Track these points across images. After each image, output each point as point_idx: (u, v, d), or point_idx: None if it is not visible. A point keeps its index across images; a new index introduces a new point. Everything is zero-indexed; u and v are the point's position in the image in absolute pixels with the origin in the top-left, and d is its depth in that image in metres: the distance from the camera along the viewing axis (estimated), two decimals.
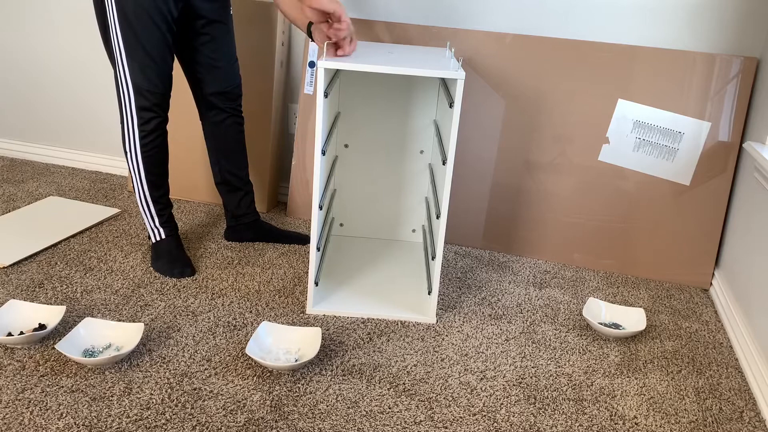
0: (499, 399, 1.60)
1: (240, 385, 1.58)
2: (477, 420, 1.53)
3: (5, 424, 1.40)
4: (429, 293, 1.93)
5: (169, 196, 2.09)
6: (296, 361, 1.66)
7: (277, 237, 2.32)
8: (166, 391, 1.54)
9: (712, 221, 2.22)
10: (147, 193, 2.03)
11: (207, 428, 1.44)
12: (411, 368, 1.69)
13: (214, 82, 2.08)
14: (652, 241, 2.27)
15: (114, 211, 2.46)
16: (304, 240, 2.34)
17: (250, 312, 1.90)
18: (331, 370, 1.66)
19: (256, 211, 2.32)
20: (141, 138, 1.95)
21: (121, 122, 1.96)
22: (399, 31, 2.36)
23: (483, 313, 1.98)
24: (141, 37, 1.84)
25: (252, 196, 2.29)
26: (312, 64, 2.47)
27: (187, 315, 1.85)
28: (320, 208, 1.87)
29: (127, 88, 1.90)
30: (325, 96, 1.72)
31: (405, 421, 1.50)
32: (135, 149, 1.97)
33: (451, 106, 1.72)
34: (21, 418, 1.42)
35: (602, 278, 2.27)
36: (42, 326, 1.71)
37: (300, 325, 1.84)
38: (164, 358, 1.66)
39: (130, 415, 1.45)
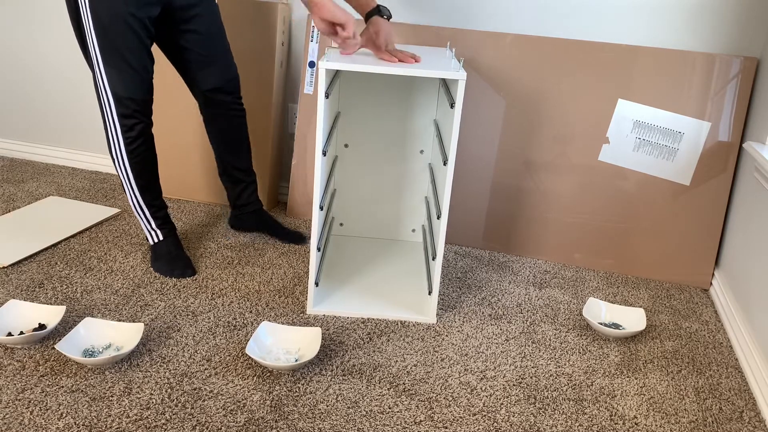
0: (499, 399, 1.60)
1: (240, 385, 1.58)
2: (477, 420, 1.53)
3: (5, 424, 1.40)
4: (429, 293, 1.93)
5: (163, 197, 2.08)
6: (296, 361, 1.66)
7: (275, 232, 2.33)
8: (166, 391, 1.54)
9: (712, 221, 2.22)
10: (139, 198, 2.02)
11: (207, 428, 1.44)
12: (411, 368, 1.69)
13: (210, 78, 2.06)
14: (652, 241, 2.27)
15: (114, 211, 2.46)
16: (301, 239, 2.34)
17: (250, 312, 1.90)
18: (331, 370, 1.66)
19: (259, 201, 2.33)
20: (127, 145, 1.92)
21: (105, 129, 1.93)
22: (399, 31, 2.36)
23: (483, 313, 1.98)
24: (118, 44, 1.79)
25: (254, 187, 2.30)
26: (312, 64, 2.47)
27: (187, 315, 1.85)
28: (321, 208, 1.87)
29: (106, 96, 1.86)
30: (326, 96, 1.72)
31: (405, 421, 1.50)
32: (122, 156, 1.94)
33: (452, 106, 1.72)
34: (21, 418, 1.42)
35: (602, 278, 2.27)
36: (42, 326, 1.71)
37: (300, 325, 1.84)
38: (164, 358, 1.66)
39: (130, 415, 1.45)
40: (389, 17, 1.84)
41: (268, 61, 2.46)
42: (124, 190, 2.02)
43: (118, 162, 1.96)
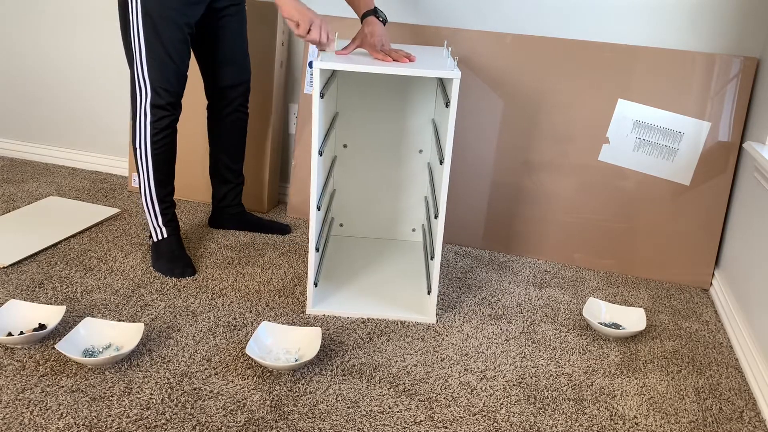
0: (499, 399, 1.60)
1: (240, 385, 1.58)
2: (477, 420, 1.53)
3: (5, 424, 1.40)
4: (429, 293, 1.93)
5: (173, 197, 2.11)
6: (296, 361, 1.66)
7: (258, 227, 2.39)
8: (166, 391, 1.54)
9: (712, 221, 2.22)
10: (153, 191, 2.04)
11: (207, 428, 1.44)
12: (411, 368, 1.69)
13: (226, 76, 2.15)
14: (652, 241, 2.27)
15: (114, 211, 2.46)
16: (285, 230, 2.40)
17: (250, 312, 1.90)
18: (331, 370, 1.66)
19: (241, 204, 2.39)
20: (152, 135, 1.98)
21: (132, 118, 1.99)
22: (398, 30, 2.36)
23: (483, 313, 1.98)
24: (163, 38, 1.88)
25: (240, 189, 2.36)
26: (312, 64, 2.47)
27: (187, 315, 1.85)
28: (318, 208, 1.88)
29: (144, 85, 1.93)
30: (321, 96, 1.72)
31: (405, 421, 1.50)
32: (146, 146, 1.99)
33: (447, 105, 1.72)
34: (21, 418, 1.42)
35: (602, 278, 2.27)
36: (42, 326, 1.71)
37: (300, 325, 1.84)
38: (164, 358, 1.66)
39: (130, 415, 1.45)
40: (385, 21, 1.87)
41: (268, 61, 2.46)
42: (139, 183, 2.04)
43: (141, 151, 2.00)
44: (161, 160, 2.02)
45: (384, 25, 1.87)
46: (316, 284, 1.91)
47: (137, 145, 2.00)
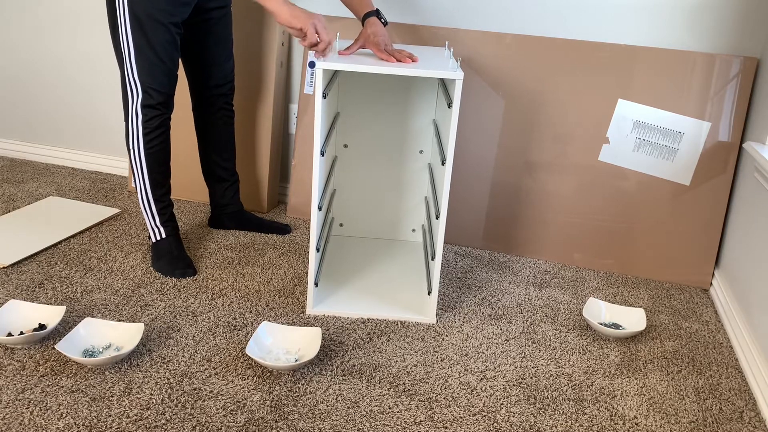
0: (499, 399, 1.60)
1: (240, 385, 1.58)
2: (477, 420, 1.53)
3: (5, 424, 1.40)
4: (429, 293, 1.93)
5: (171, 197, 2.11)
6: (296, 361, 1.66)
7: (258, 227, 2.39)
8: (166, 391, 1.54)
9: (712, 221, 2.22)
10: (149, 192, 2.04)
11: (207, 428, 1.44)
12: (411, 368, 1.70)
13: (215, 76, 2.16)
14: (652, 241, 2.27)
15: (114, 211, 2.46)
16: (285, 230, 2.41)
17: (250, 312, 1.90)
18: (331, 370, 1.66)
19: (240, 202, 2.39)
20: (145, 135, 1.97)
21: (125, 120, 1.99)
22: (399, 31, 2.36)
23: (483, 313, 1.98)
24: (151, 38, 1.88)
25: (237, 187, 2.36)
26: (312, 64, 2.46)
27: (187, 315, 1.85)
28: (319, 208, 1.88)
29: (135, 86, 1.93)
30: (324, 97, 1.72)
31: (405, 421, 1.50)
32: (138, 147, 1.99)
33: (449, 106, 1.72)
34: (21, 418, 1.42)
35: (602, 278, 2.27)
36: (42, 326, 1.71)
37: (300, 326, 1.84)
38: (164, 358, 1.66)
39: (130, 415, 1.46)
40: (386, 22, 1.88)
41: (268, 61, 2.46)
42: (135, 184, 2.04)
43: (134, 152, 2.00)
44: (155, 160, 2.01)
45: (385, 26, 1.87)
46: (316, 284, 1.91)
47: (131, 147, 2.00)
